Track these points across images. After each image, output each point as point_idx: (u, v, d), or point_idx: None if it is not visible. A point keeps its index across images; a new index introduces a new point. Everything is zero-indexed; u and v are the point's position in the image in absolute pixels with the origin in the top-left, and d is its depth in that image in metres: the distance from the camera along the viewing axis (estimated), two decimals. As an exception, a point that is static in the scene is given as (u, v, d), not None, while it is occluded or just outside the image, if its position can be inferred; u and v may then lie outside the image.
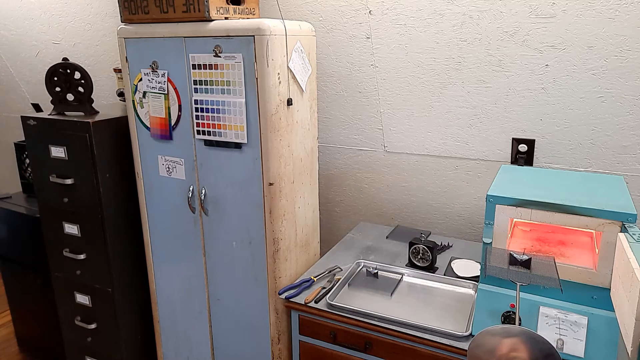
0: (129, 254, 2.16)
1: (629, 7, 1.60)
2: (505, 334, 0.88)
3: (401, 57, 2.01)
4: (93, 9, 2.74)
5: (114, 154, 2.03)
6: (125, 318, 2.20)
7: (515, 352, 0.87)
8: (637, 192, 1.77)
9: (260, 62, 1.60)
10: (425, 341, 1.44)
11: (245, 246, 1.83)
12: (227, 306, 1.94)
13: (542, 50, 1.76)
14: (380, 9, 1.98)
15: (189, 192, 1.88)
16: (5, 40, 3.17)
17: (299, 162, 1.86)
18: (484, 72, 1.88)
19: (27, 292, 2.63)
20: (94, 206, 2.02)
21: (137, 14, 1.80)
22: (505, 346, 0.87)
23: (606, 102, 1.72)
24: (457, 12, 1.85)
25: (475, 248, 1.96)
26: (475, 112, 1.95)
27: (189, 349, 2.11)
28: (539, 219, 1.36)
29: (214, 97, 1.71)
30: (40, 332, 2.67)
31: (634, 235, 1.12)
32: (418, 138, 2.10)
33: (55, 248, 2.22)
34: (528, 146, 1.89)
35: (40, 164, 2.11)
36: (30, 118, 2.06)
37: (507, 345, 0.87)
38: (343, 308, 1.59)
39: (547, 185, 1.50)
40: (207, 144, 1.79)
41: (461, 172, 2.06)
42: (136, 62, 1.85)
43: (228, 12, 1.75)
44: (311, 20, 2.13)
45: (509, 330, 0.89)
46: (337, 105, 2.23)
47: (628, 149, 1.74)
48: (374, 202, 2.30)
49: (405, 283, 1.76)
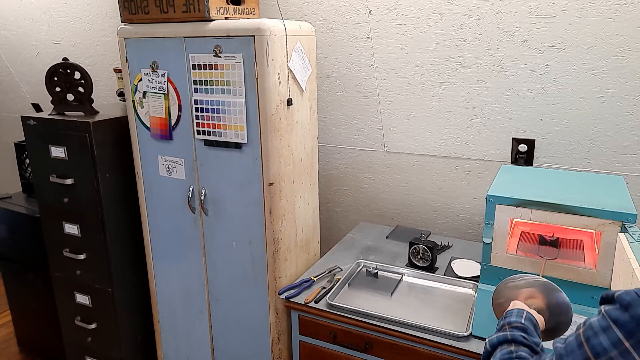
0: (129, 254, 2.16)
1: (629, 7, 1.60)
2: (526, 284, 1.02)
3: (401, 57, 2.01)
4: (93, 9, 2.74)
5: (114, 154, 2.03)
6: (125, 318, 2.20)
7: (531, 299, 0.99)
8: (637, 192, 1.77)
9: (260, 62, 1.60)
10: (425, 341, 1.44)
11: (245, 246, 1.83)
12: (227, 306, 1.94)
13: (542, 50, 1.76)
14: (380, 9, 1.98)
15: (189, 192, 1.88)
16: (5, 40, 3.17)
17: (299, 162, 1.86)
18: (484, 72, 1.88)
19: (27, 292, 2.63)
20: (94, 206, 2.02)
21: (137, 14, 1.80)
22: (524, 294, 1.00)
23: (606, 102, 1.72)
24: (457, 12, 1.85)
25: (475, 248, 1.96)
26: (475, 112, 1.95)
27: (189, 349, 2.11)
28: (539, 219, 1.36)
29: (214, 97, 1.71)
30: (40, 332, 2.67)
31: (634, 235, 1.12)
32: (418, 138, 2.10)
33: (55, 248, 2.22)
34: (528, 146, 1.89)
35: (40, 164, 2.11)
36: (30, 118, 2.06)
37: (525, 293, 1.00)
38: (343, 308, 1.59)
39: (547, 185, 1.50)
40: (207, 144, 1.79)
41: (461, 172, 2.06)
42: (136, 62, 1.85)
43: (228, 12, 1.75)
44: (311, 20, 2.13)
45: (530, 281, 1.02)
46: (337, 105, 2.23)
47: (628, 149, 1.74)
48: (374, 202, 2.30)
49: (405, 283, 1.76)
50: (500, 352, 0.82)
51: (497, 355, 0.82)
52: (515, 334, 0.85)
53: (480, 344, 1.40)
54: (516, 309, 0.94)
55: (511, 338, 0.84)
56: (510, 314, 0.93)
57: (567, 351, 0.64)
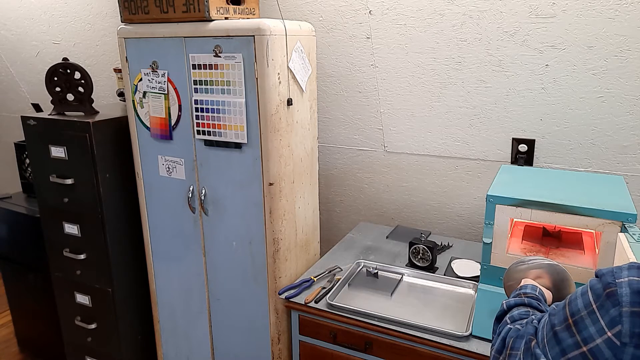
0: (129, 254, 2.16)
1: (629, 7, 1.60)
2: (535, 266, 1.13)
3: (401, 57, 2.01)
4: (93, 9, 2.74)
5: (114, 154, 2.03)
6: (125, 318, 2.20)
7: (539, 278, 1.10)
8: (637, 192, 1.77)
9: (260, 62, 1.60)
10: (425, 341, 1.44)
11: (245, 246, 1.83)
12: (227, 306, 1.94)
13: (542, 50, 1.76)
14: (380, 9, 1.98)
15: (189, 192, 1.88)
16: (5, 40, 3.17)
17: (299, 162, 1.86)
18: (484, 72, 1.88)
19: (27, 292, 2.63)
20: (94, 206, 2.02)
21: (137, 14, 1.80)
22: (532, 274, 1.11)
23: (606, 102, 1.72)
24: (457, 12, 1.85)
25: (475, 248, 1.96)
26: (475, 112, 1.95)
27: (189, 349, 2.11)
28: (539, 219, 1.36)
29: (214, 97, 1.71)
30: (40, 332, 2.67)
31: (634, 235, 1.12)
32: (418, 138, 2.10)
33: (55, 248, 2.22)
34: (528, 146, 1.89)
35: (40, 164, 2.11)
36: (30, 118, 2.06)
37: (533, 273, 1.11)
38: (343, 308, 1.59)
39: (547, 185, 1.50)
40: (207, 144, 1.79)
41: (461, 172, 2.06)
42: (136, 62, 1.85)
43: (228, 12, 1.75)
44: (311, 20, 2.13)
45: (539, 263, 1.13)
46: (337, 105, 2.23)
47: (628, 149, 1.74)
48: (374, 202, 2.30)
49: (405, 283, 1.76)
50: (517, 311, 0.93)
51: (514, 312, 0.93)
52: (532, 300, 0.96)
53: (480, 344, 1.41)
54: (530, 284, 1.04)
55: (527, 303, 0.96)
56: (525, 287, 1.03)
57: (556, 311, 0.77)
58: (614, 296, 0.67)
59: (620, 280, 0.68)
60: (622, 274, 0.68)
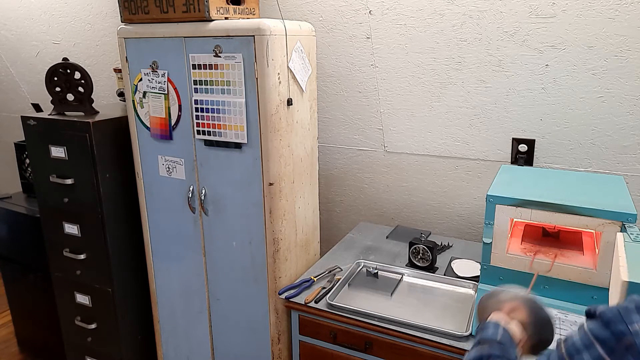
0: (129, 254, 2.16)
1: (629, 7, 1.60)
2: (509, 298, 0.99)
3: (401, 57, 2.01)
4: (93, 9, 2.74)
5: (114, 154, 2.03)
6: (125, 318, 2.20)
7: (514, 312, 0.95)
8: (637, 192, 1.77)
9: (260, 62, 1.60)
10: (425, 341, 1.44)
11: (245, 246, 1.83)
12: (227, 306, 1.94)
13: (542, 50, 1.76)
14: (380, 9, 1.98)
15: (189, 192, 1.88)
16: (5, 40, 3.17)
17: (299, 162, 1.86)
18: (484, 72, 1.88)
19: (27, 292, 2.63)
20: (94, 206, 2.02)
21: (137, 14, 1.80)
22: (507, 306, 0.97)
23: (606, 102, 1.72)
24: (457, 12, 1.85)
25: (475, 248, 1.96)
26: (475, 112, 1.95)
27: (189, 349, 2.11)
28: (539, 219, 1.36)
29: (214, 97, 1.71)
30: (40, 332, 2.67)
31: (631, 235, 1.12)
32: (418, 138, 2.10)
33: (55, 248, 2.22)
34: (528, 146, 1.89)
35: (40, 164, 2.11)
36: (30, 118, 2.06)
37: (508, 306, 0.97)
38: (343, 308, 1.58)
39: (547, 185, 1.50)
40: (207, 144, 1.79)
41: (461, 172, 2.06)
42: (136, 62, 1.85)
43: (228, 12, 1.75)
44: (311, 20, 2.13)
45: (513, 295, 0.99)
46: (337, 105, 2.23)
47: (628, 149, 1.74)
48: (374, 202, 2.30)
49: (405, 283, 1.76)
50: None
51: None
52: (492, 351, 0.85)
53: (480, 344, 1.40)
54: (493, 322, 0.92)
55: (487, 355, 0.85)
56: (487, 327, 0.92)
57: None
58: (633, 348, 0.58)
59: (636, 329, 0.59)
60: (633, 319, 0.60)
